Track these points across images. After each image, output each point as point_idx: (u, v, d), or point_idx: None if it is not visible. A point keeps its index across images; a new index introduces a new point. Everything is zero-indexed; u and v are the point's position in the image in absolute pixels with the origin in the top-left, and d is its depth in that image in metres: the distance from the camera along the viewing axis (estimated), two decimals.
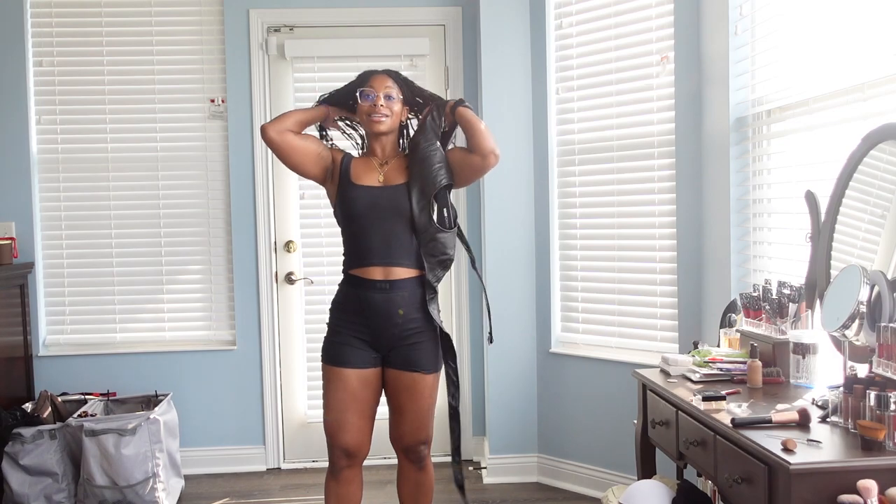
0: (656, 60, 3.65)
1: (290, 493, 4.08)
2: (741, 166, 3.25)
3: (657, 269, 3.71)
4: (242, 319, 4.39)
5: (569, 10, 3.98)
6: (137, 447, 3.70)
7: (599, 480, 3.90)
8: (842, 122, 2.61)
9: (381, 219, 2.79)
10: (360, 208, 2.80)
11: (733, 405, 2.27)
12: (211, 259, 4.42)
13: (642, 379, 2.79)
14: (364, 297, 2.80)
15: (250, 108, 4.33)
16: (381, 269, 2.80)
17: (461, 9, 4.41)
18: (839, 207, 2.47)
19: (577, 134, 3.98)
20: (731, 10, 3.23)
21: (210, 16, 4.37)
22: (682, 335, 3.57)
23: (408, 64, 4.39)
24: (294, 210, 4.40)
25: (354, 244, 2.85)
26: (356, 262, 2.84)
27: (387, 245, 2.79)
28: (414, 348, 2.82)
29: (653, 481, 2.72)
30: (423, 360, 2.83)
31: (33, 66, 4.31)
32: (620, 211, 3.84)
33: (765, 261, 3.14)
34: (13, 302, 4.12)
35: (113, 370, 4.32)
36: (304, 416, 4.45)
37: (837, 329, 2.22)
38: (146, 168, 4.38)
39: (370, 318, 2.80)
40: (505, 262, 4.12)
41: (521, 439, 4.17)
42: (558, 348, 4.08)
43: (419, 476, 2.98)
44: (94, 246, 4.38)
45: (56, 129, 4.35)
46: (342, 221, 2.87)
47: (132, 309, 4.41)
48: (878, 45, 2.42)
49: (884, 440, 1.87)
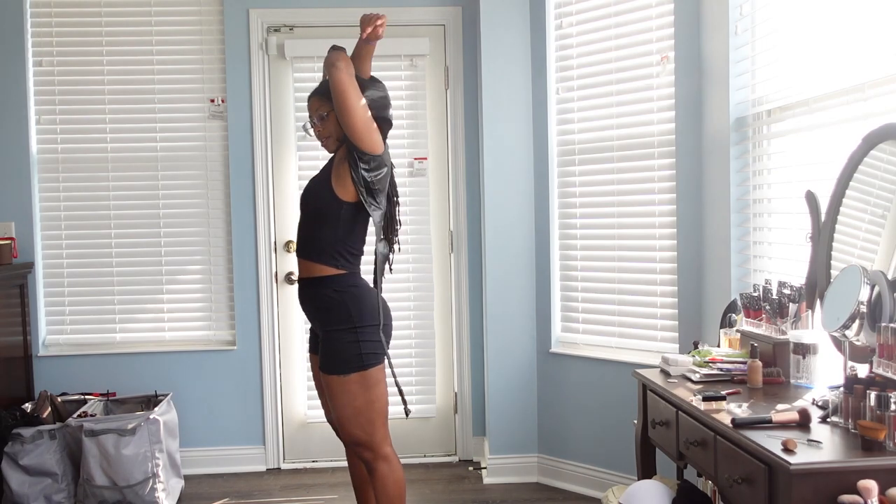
0: (656, 60, 3.65)
1: (290, 494, 4.08)
2: (741, 166, 3.25)
3: (657, 270, 3.71)
4: (242, 319, 4.38)
5: (569, 10, 3.98)
6: (137, 447, 3.69)
7: (599, 480, 3.90)
8: (842, 122, 2.61)
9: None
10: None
11: (733, 405, 2.27)
12: (211, 259, 4.42)
13: (642, 379, 2.79)
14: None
15: (250, 108, 4.33)
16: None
17: (461, 9, 4.41)
18: (839, 207, 2.47)
19: (577, 134, 3.98)
20: (731, 10, 3.23)
21: (210, 16, 4.37)
22: (682, 335, 3.57)
23: (408, 64, 4.39)
24: (294, 210, 4.40)
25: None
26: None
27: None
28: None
29: (653, 481, 2.71)
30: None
31: (33, 66, 4.31)
32: (620, 211, 3.84)
33: (765, 261, 3.14)
34: (13, 302, 4.11)
35: (113, 370, 4.32)
36: (304, 416, 4.45)
37: (838, 329, 2.22)
38: (146, 168, 4.38)
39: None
40: (505, 261, 4.12)
41: (521, 439, 4.17)
42: (558, 348, 4.08)
43: (371, 477, 2.89)
44: (94, 246, 4.38)
45: (56, 129, 4.35)
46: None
47: (132, 309, 4.40)
48: (878, 45, 2.42)
49: (884, 440, 1.87)
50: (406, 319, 4.39)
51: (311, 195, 2.89)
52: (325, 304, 2.82)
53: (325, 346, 2.82)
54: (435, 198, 4.47)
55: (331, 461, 4.42)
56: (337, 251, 2.80)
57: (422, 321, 4.45)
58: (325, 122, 2.86)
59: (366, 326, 2.77)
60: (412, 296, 4.43)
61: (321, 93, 2.88)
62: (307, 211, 2.90)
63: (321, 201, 2.82)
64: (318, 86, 2.93)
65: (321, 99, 2.87)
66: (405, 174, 4.37)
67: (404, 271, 4.39)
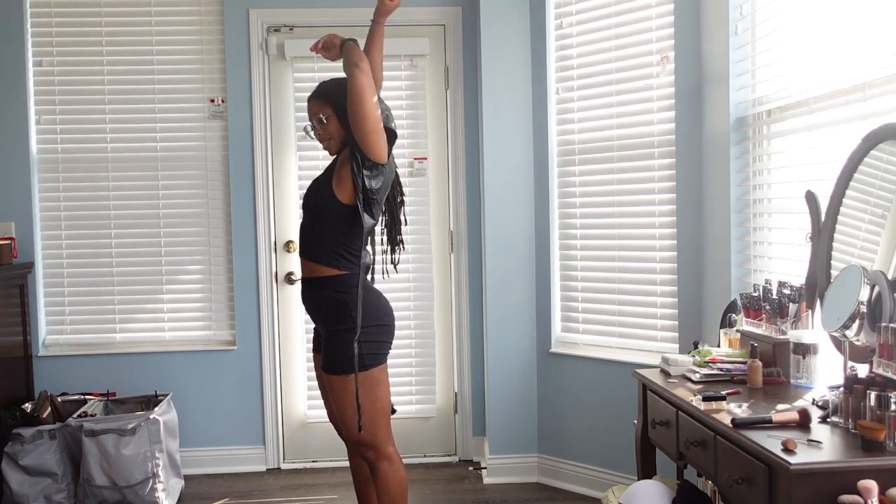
0: (656, 60, 3.65)
1: (290, 494, 4.08)
2: (741, 166, 3.25)
3: (657, 269, 3.71)
4: (242, 319, 4.38)
5: (569, 10, 3.98)
6: (137, 447, 3.69)
7: (599, 480, 3.90)
8: (842, 122, 2.61)
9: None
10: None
11: (733, 405, 2.27)
12: (211, 259, 4.42)
13: (642, 379, 2.79)
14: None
15: (250, 108, 4.33)
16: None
17: (461, 9, 4.41)
18: (839, 207, 2.47)
19: (576, 134, 3.98)
20: (731, 10, 3.23)
21: (210, 16, 4.37)
22: (682, 335, 3.57)
23: (408, 64, 4.39)
24: (294, 210, 4.40)
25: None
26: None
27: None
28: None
29: (653, 481, 2.71)
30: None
31: (33, 65, 4.31)
32: (620, 211, 3.84)
33: (765, 261, 3.14)
34: (13, 302, 4.11)
35: (113, 370, 4.32)
36: (304, 416, 4.45)
37: (838, 329, 2.22)
38: (146, 168, 4.38)
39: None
40: (505, 261, 4.12)
41: (521, 439, 4.17)
42: (558, 348, 4.08)
43: (374, 476, 2.90)
44: (94, 246, 4.38)
45: (56, 129, 4.35)
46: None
47: (132, 309, 4.40)
48: (878, 45, 2.42)
49: (884, 440, 1.87)
50: (406, 319, 4.39)
51: (313, 196, 2.88)
52: (326, 305, 2.81)
53: (328, 346, 2.82)
54: (435, 198, 4.47)
55: (331, 461, 4.42)
56: (338, 252, 2.79)
57: (422, 321, 4.45)
58: (326, 125, 2.85)
59: (367, 327, 2.77)
60: (412, 296, 4.43)
61: (320, 95, 2.86)
62: (308, 212, 2.89)
63: (322, 203, 2.81)
64: (316, 88, 2.91)
65: (321, 101, 2.85)
66: (405, 174, 4.37)
67: (404, 271, 4.39)
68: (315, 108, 2.86)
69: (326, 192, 2.80)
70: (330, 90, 2.86)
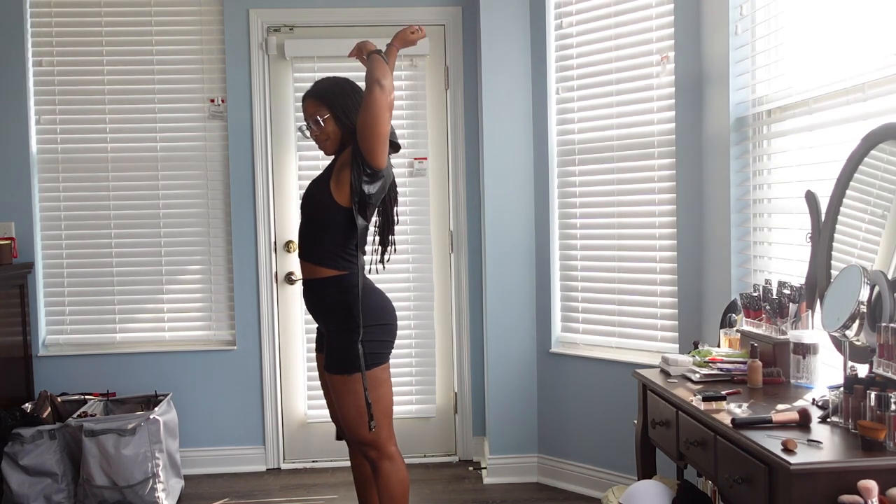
0: (656, 60, 3.65)
1: (290, 494, 4.08)
2: (741, 166, 3.25)
3: (657, 269, 3.71)
4: (242, 319, 4.38)
5: (569, 10, 3.98)
6: (137, 447, 3.69)
7: (599, 480, 3.90)
8: (842, 122, 2.61)
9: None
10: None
11: (733, 405, 2.27)
12: (211, 259, 4.42)
13: (642, 379, 2.79)
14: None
15: (250, 108, 4.33)
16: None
17: (461, 9, 4.41)
18: (839, 207, 2.47)
19: (577, 134, 3.98)
20: (732, 10, 3.23)
21: (210, 16, 4.36)
22: (682, 335, 3.57)
23: (408, 64, 4.39)
24: (294, 210, 4.40)
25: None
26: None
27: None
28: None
29: (653, 481, 2.71)
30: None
31: (33, 65, 4.31)
32: (620, 211, 3.84)
33: (765, 261, 3.14)
34: (13, 302, 4.11)
35: (113, 370, 4.32)
36: (304, 416, 4.45)
37: (838, 329, 2.22)
38: (146, 168, 4.38)
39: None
40: (505, 261, 4.12)
41: (521, 439, 4.17)
42: (558, 348, 4.08)
43: (376, 476, 2.89)
44: (94, 246, 4.37)
45: (56, 129, 4.34)
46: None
47: (132, 309, 4.40)
48: (878, 45, 2.42)
49: (884, 440, 1.87)
50: (406, 319, 4.39)
51: (311, 198, 2.87)
52: (328, 305, 2.81)
53: (330, 346, 2.82)
54: (435, 198, 4.47)
55: (331, 461, 4.42)
56: (337, 253, 2.79)
57: (422, 321, 4.45)
58: (322, 126, 2.83)
59: (369, 326, 2.77)
60: (412, 296, 4.43)
61: (318, 95, 2.84)
62: (307, 213, 2.89)
63: (320, 204, 2.81)
64: (312, 86, 2.89)
65: (318, 101, 2.83)
66: (405, 174, 4.37)
67: (404, 271, 4.40)
68: (312, 109, 2.84)
69: (325, 195, 2.79)
70: (328, 90, 2.84)
